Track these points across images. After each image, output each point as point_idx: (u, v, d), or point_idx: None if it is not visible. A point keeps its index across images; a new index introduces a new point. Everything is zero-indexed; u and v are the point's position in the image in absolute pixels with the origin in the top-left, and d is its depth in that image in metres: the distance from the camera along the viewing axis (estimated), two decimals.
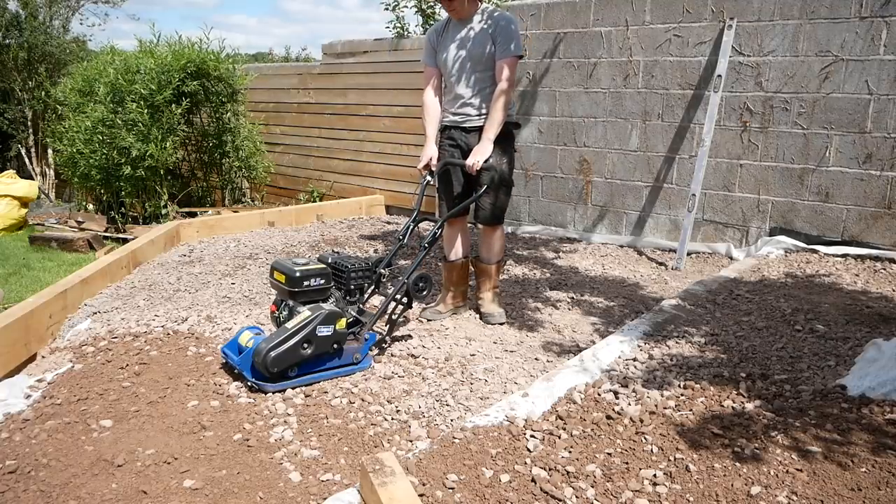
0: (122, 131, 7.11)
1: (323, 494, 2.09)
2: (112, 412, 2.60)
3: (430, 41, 3.60)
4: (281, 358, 2.69)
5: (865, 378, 2.51)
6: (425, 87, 3.61)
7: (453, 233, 3.71)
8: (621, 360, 2.89)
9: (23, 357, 3.43)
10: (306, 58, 16.95)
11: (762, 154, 4.89)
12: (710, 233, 5.22)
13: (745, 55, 4.86)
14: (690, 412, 2.35)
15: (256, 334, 2.89)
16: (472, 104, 3.48)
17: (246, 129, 8.22)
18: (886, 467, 1.96)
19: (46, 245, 6.80)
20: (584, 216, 5.91)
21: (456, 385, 2.85)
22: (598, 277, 4.63)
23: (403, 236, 3.38)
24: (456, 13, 3.45)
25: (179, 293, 4.25)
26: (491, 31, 3.39)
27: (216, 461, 2.28)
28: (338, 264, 3.14)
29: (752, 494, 1.89)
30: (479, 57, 3.42)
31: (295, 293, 2.90)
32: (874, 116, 4.40)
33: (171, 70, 7.34)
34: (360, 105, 7.65)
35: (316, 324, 2.75)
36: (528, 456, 2.14)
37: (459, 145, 3.56)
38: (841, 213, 4.62)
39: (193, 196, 8.27)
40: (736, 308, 3.60)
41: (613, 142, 5.61)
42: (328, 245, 5.62)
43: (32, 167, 11.23)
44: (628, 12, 5.36)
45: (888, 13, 4.28)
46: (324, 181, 8.22)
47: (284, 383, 2.76)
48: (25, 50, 10.93)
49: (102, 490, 2.11)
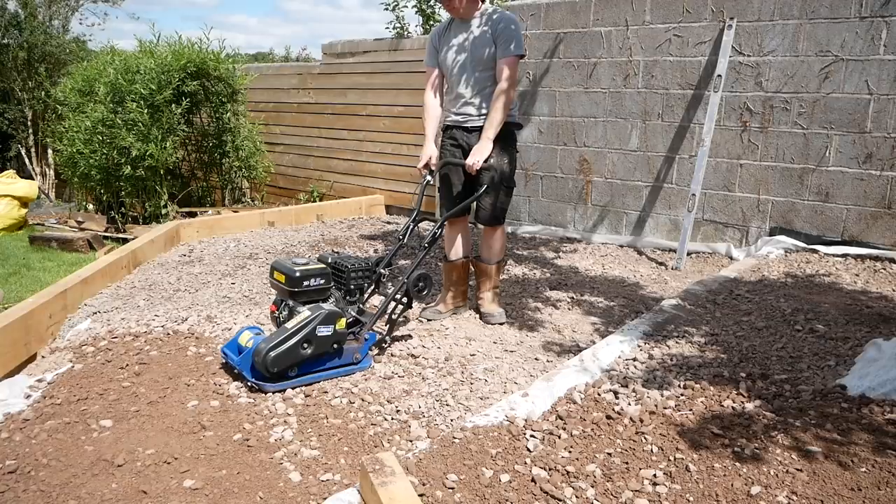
0: (122, 131, 7.11)
1: (323, 494, 2.09)
2: (112, 412, 2.60)
3: (432, 42, 3.61)
4: (281, 358, 2.69)
5: (865, 378, 2.51)
6: (426, 87, 3.62)
7: (454, 232, 3.71)
8: (621, 360, 2.89)
9: (23, 357, 3.43)
10: (306, 58, 16.96)
11: (762, 154, 4.89)
12: (710, 233, 5.22)
13: (745, 55, 4.86)
14: (690, 412, 2.35)
15: (256, 334, 2.89)
16: (474, 104, 3.49)
17: (246, 129, 8.22)
18: (886, 467, 1.96)
19: (46, 245, 6.79)
20: (584, 216, 5.91)
21: (456, 385, 2.85)
22: (598, 277, 4.62)
23: (403, 236, 3.38)
24: (455, 12, 3.46)
25: (179, 293, 4.25)
26: (492, 32, 3.39)
27: (216, 461, 2.28)
28: (338, 264, 3.14)
29: (752, 494, 1.89)
30: (480, 57, 3.42)
31: (295, 293, 2.89)
32: (874, 116, 4.40)
33: (171, 70, 7.34)
34: (360, 105, 7.65)
35: (316, 324, 2.75)
36: (528, 456, 2.14)
37: (461, 145, 3.56)
38: (841, 212, 4.62)
39: (193, 196, 8.28)
40: (736, 308, 3.60)
41: (613, 142, 5.61)
42: (328, 245, 5.62)
43: (32, 167, 11.23)
44: (628, 12, 5.36)
45: (888, 13, 4.28)
46: (324, 181, 8.22)
47: (284, 383, 2.76)
48: (25, 50, 10.93)
49: (102, 490, 2.11)
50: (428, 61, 3.64)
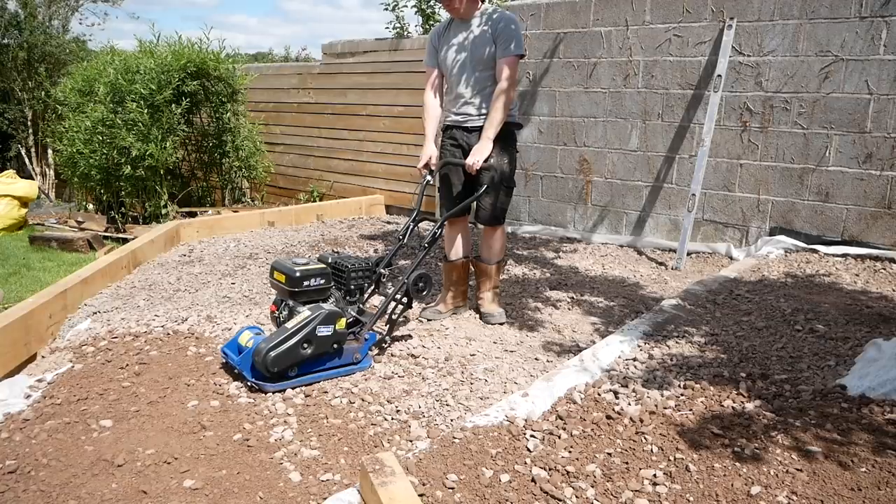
0: (122, 131, 7.11)
1: (323, 494, 2.09)
2: (112, 412, 2.60)
3: (431, 42, 3.61)
4: (281, 358, 2.69)
5: (865, 378, 2.51)
6: (426, 87, 3.62)
7: (454, 232, 3.71)
8: (621, 360, 2.89)
9: (23, 357, 3.43)
10: (306, 58, 16.94)
11: (762, 154, 4.89)
12: (710, 233, 5.22)
13: (745, 55, 4.86)
14: (690, 412, 2.35)
15: (256, 334, 2.89)
16: (473, 104, 3.49)
17: (246, 128, 8.22)
18: (886, 467, 1.96)
19: (46, 245, 6.79)
20: (584, 216, 5.91)
21: (456, 385, 2.85)
22: (598, 277, 4.63)
23: (403, 236, 3.38)
24: (455, 12, 3.46)
25: (179, 293, 4.25)
26: (492, 31, 3.40)
27: (216, 461, 2.28)
28: (338, 264, 3.14)
29: (752, 494, 1.89)
30: (479, 57, 3.42)
31: (295, 293, 2.90)
32: (874, 116, 4.41)
33: (171, 70, 7.34)
34: (360, 105, 7.65)
35: (316, 324, 2.75)
36: (528, 456, 2.14)
37: (461, 145, 3.56)
38: (841, 212, 4.62)
39: (193, 196, 8.27)
40: (736, 308, 3.60)
41: (613, 142, 5.61)
42: (328, 245, 5.62)
43: (32, 167, 11.22)
44: (628, 12, 5.36)
45: (888, 13, 4.28)
46: (324, 181, 8.22)
47: (284, 383, 2.76)
48: (25, 50, 10.92)
49: (102, 490, 2.11)
50: (427, 61, 3.64)
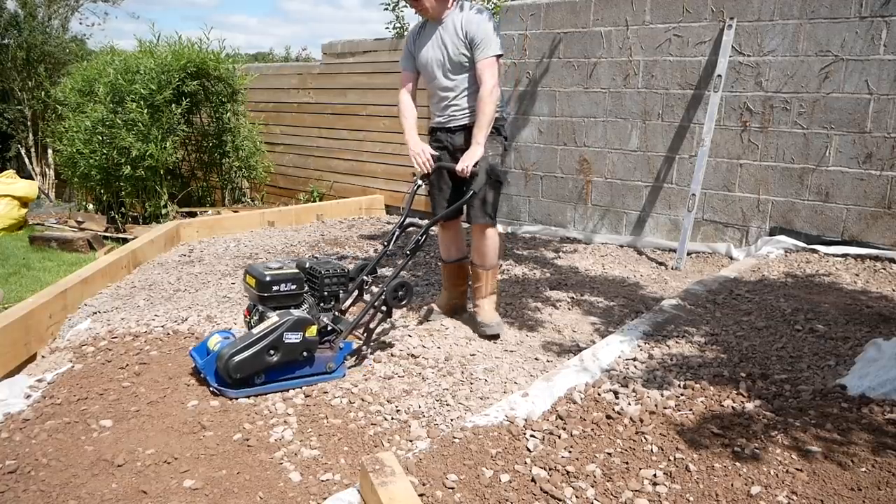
0: (122, 131, 7.11)
1: (323, 494, 2.09)
2: (112, 412, 2.60)
3: (407, 45, 3.51)
4: (244, 364, 2.63)
5: (865, 378, 2.51)
6: (401, 90, 3.51)
7: (447, 235, 3.64)
8: (621, 360, 2.89)
9: (23, 357, 3.43)
10: (306, 58, 16.96)
11: (762, 154, 4.89)
12: (710, 232, 5.22)
13: (744, 55, 4.86)
14: (690, 412, 2.35)
15: (225, 338, 2.82)
16: (456, 105, 3.40)
17: (246, 128, 8.22)
18: (886, 467, 1.96)
19: (46, 245, 6.79)
20: (584, 216, 5.91)
21: (456, 385, 2.85)
22: (598, 277, 4.62)
23: (389, 242, 3.31)
24: (424, 12, 3.35)
25: (179, 293, 4.25)
26: (466, 31, 3.27)
27: (216, 461, 2.28)
28: (312, 270, 3.04)
29: (752, 494, 1.89)
30: (455, 57, 3.31)
31: (265, 298, 2.83)
32: (874, 116, 4.40)
33: (171, 70, 7.34)
34: (360, 105, 7.65)
35: (282, 330, 2.68)
36: (528, 456, 2.14)
37: (446, 146, 3.47)
38: (841, 212, 4.62)
39: (193, 196, 8.28)
40: (736, 308, 3.60)
41: (613, 142, 5.61)
42: (328, 245, 5.62)
43: (32, 167, 11.22)
44: (628, 12, 5.36)
45: (888, 13, 4.28)
46: (324, 181, 8.22)
47: (248, 390, 2.69)
48: (24, 50, 10.91)
49: (102, 490, 2.11)
50: (403, 64, 3.52)
